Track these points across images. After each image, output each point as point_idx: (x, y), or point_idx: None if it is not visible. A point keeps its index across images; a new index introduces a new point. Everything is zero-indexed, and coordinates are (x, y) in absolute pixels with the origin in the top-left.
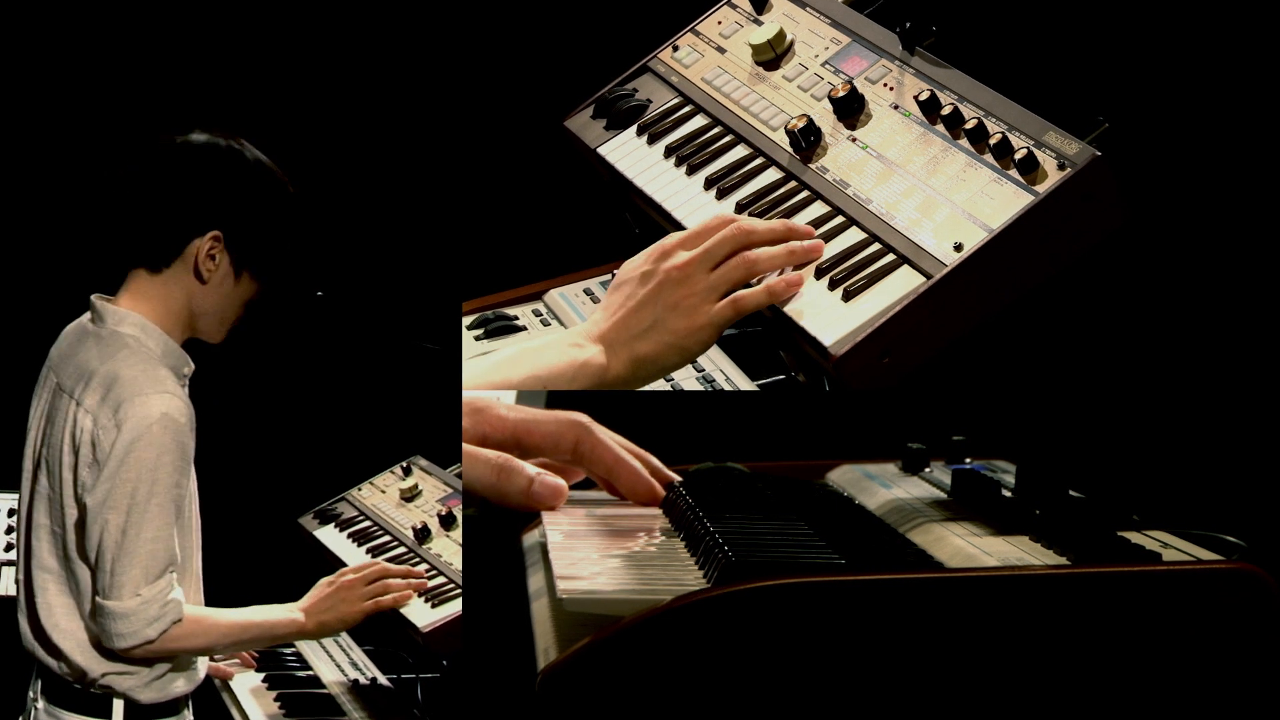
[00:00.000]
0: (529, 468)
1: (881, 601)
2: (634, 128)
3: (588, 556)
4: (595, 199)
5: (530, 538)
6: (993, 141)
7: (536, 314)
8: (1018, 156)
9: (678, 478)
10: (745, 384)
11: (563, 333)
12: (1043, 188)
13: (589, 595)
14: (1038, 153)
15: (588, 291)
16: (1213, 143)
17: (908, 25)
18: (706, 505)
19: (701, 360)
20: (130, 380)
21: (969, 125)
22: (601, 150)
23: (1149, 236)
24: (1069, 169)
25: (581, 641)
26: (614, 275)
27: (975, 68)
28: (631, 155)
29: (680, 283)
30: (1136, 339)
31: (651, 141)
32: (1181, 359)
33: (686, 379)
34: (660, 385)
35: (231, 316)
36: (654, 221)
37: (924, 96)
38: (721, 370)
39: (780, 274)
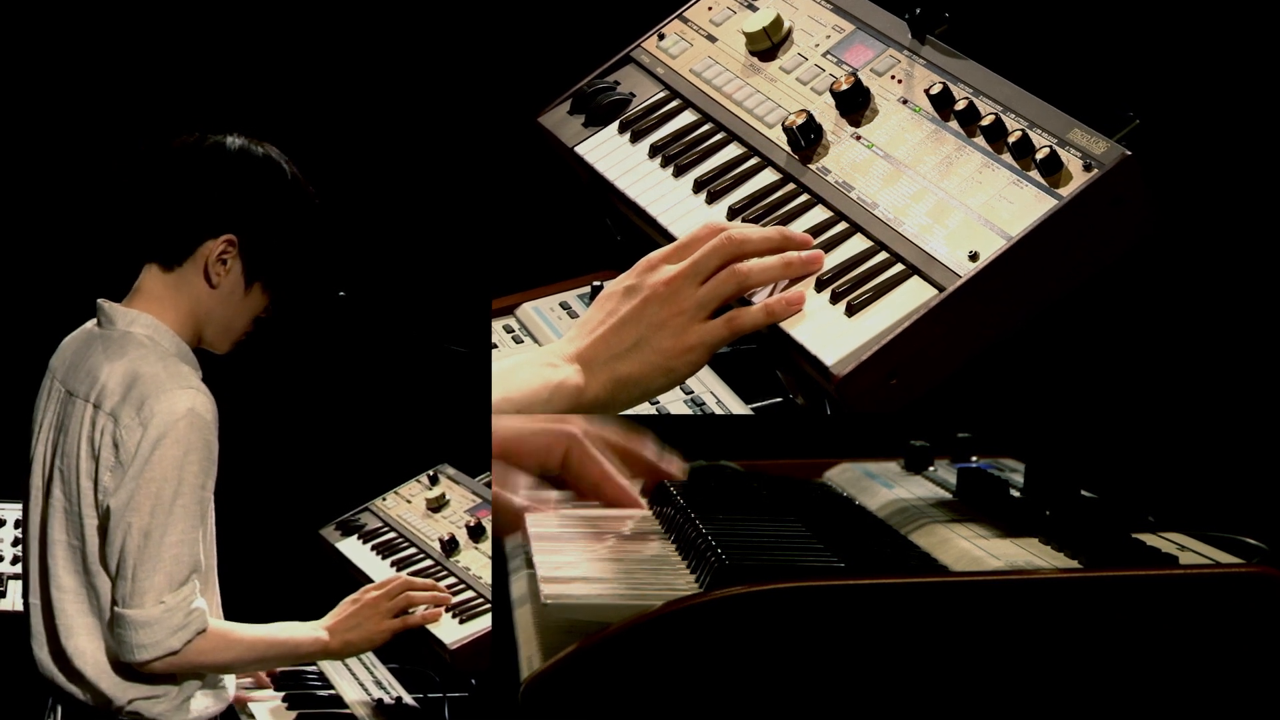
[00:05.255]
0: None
1: (883, 607)
2: (615, 124)
3: (573, 560)
4: (572, 203)
5: (513, 540)
6: (1012, 140)
7: (508, 330)
8: (1039, 156)
9: (677, 476)
10: (738, 407)
11: (537, 351)
12: (1067, 191)
13: (575, 601)
14: (1061, 152)
15: (564, 305)
16: (1250, 140)
17: (918, 11)
18: (699, 506)
19: (690, 381)
20: (152, 377)
21: (985, 122)
22: (579, 149)
23: (1180, 241)
24: (1096, 170)
25: (567, 650)
26: (593, 287)
27: (992, 58)
28: (613, 155)
29: (667, 299)
30: (1153, 334)
31: (635, 140)
32: (1200, 355)
33: (674, 401)
34: (645, 408)
35: (239, 328)
36: (638, 228)
37: (936, 90)
38: (712, 392)
39: (777, 290)
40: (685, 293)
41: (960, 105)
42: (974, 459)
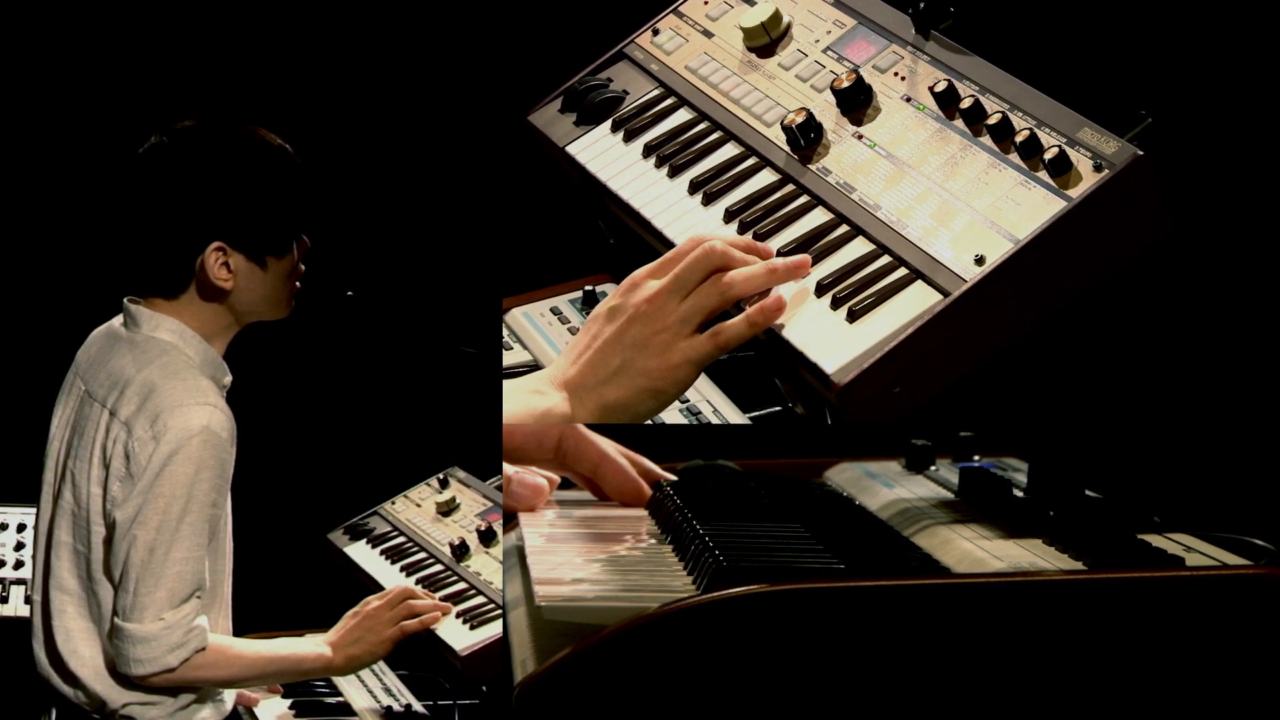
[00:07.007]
0: (506, 467)
1: (883, 609)
2: (608, 123)
3: (568, 561)
4: (563, 205)
5: (507, 541)
6: (1019, 139)
7: None
8: (1048, 156)
9: (672, 477)
10: (736, 416)
11: (524, 378)
12: (1076, 192)
13: (569, 603)
14: (1070, 152)
15: (555, 311)
16: (1266, 139)
17: (922, 6)
18: (696, 506)
19: None
20: (169, 390)
21: (992, 120)
22: (571, 149)
23: (1192, 243)
24: (1106, 170)
25: (561, 652)
26: (585, 292)
27: (999, 54)
28: (605, 155)
29: (650, 317)
30: (1160, 334)
31: (628, 139)
32: (1207, 353)
33: (669, 410)
34: None
35: (283, 296)
36: (631, 231)
37: (940, 87)
38: (708, 400)
39: (759, 300)
40: (668, 309)
41: (966, 103)
42: (976, 458)
